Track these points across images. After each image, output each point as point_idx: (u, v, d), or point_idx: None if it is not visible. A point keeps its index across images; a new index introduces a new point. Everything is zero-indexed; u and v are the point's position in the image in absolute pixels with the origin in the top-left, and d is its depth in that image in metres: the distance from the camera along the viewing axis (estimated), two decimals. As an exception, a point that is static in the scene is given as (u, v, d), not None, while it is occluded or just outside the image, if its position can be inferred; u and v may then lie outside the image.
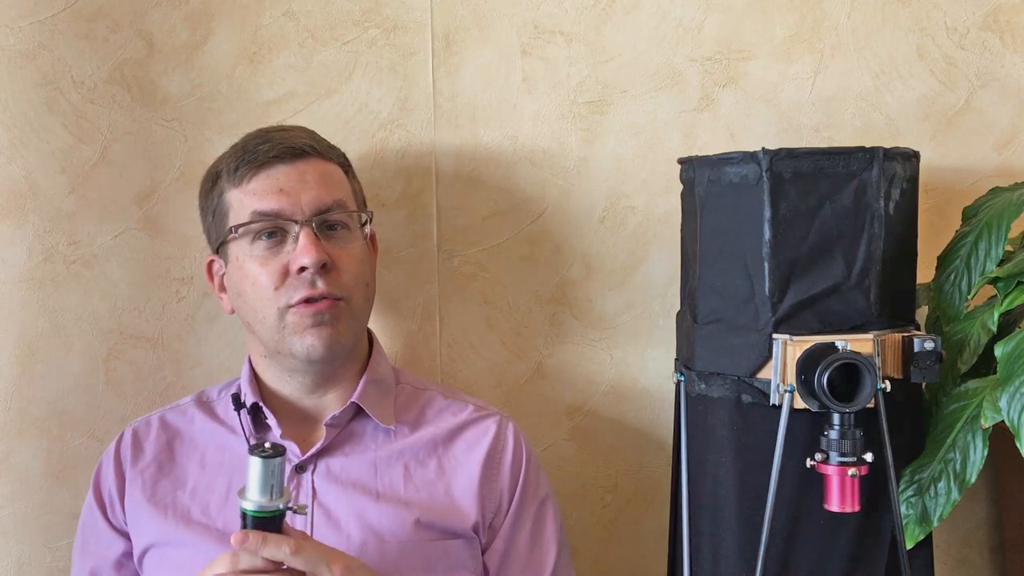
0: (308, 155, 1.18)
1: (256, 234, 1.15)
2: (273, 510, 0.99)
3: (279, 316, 1.15)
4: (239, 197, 1.17)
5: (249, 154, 1.17)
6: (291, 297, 1.14)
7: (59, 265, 1.37)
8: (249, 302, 1.17)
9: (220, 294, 1.23)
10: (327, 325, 1.15)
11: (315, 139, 1.21)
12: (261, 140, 1.18)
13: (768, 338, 1.13)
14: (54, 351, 1.38)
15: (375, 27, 1.41)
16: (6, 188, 1.36)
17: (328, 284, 1.14)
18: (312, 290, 1.13)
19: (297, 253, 1.13)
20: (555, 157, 1.44)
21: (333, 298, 1.15)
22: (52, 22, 1.35)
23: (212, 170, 1.22)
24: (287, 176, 1.16)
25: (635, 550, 1.49)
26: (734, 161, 1.15)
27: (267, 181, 1.16)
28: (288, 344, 1.15)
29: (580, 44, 1.43)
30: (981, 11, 1.46)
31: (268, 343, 1.17)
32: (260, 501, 0.99)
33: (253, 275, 1.15)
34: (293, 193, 1.15)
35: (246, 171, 1.16)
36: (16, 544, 1.38)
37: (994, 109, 1.46)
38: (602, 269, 1.46)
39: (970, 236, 1.26)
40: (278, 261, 1.15)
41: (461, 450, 1.22)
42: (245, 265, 1.16)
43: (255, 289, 1.15)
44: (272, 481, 0.99)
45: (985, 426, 1.11)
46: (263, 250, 1.15)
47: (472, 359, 1.46)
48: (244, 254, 1.16)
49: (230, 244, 1.18)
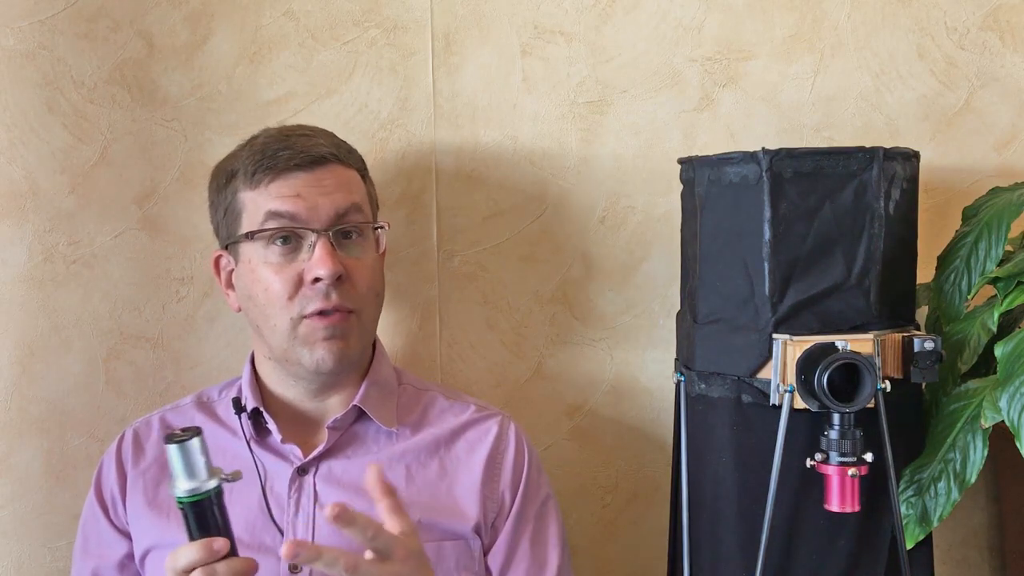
0: (328, 162, 1.17)
1: (270, 238, 1.14)
2: (206, 491, 0.96)
3: (291, 326, 1.14)
4: (254, 199, 1.16)
5: (268, 159, 1.15)
6: (304, 308, 1.13)
7: (59, 265, 1.37)
8: (260, 307, 1.16)
9: (227, 290, 1.22)
10: (338, 339, 1.14)
11: (336, 144, 1.20)
12: (282, 146, 1.16)
13: (768, 338, 1.13)
14: (54, 351, 1.38)
15: (375, 27, 1.41)
16: (6, 188, 1.36)
17: (341, 296, 1.14)
18: (326, 302, 1.13)
19: (313, 263, 1.13)
20: (555, 157, 1.44)
21: (346, 311, 1.14)
22: (52, 22, 1.35)
23: (227, 166, 1.20)
24: (305, 183, 1.15)
25: (635, 550, 1.49)
26: (734, 161, 1.15)
27: (285, 187, 1.14)
28: (297, 354, 1.15)
29: (580, 44, 1.43)
30: (981, 11, 1.46)
31: (276, 349, 1.17)
32: (189, 485, 0.95)
33: (266, 281, 1.15)
34: (310, 199, 1.14)
35: (264, 176, 1.15)
36: (16, 544, 1.38)
37: (994, 109, 1.46)
38: (602, 269, 1.46)
39: (970, 236, 1.26)
40: (292, 269, 1.14)
41: (463, 451, 1.22)
42: (258, 269, 1.15)
43: (267, 296, 1.15)
44: (196, 463, 0.95)
45: (985, 426, 1.10)
46: (277, 256, 1.14)
47: (472, 359, 1.46)
48: (257, 257, 1.15)
49: (242, 244, 1.17)
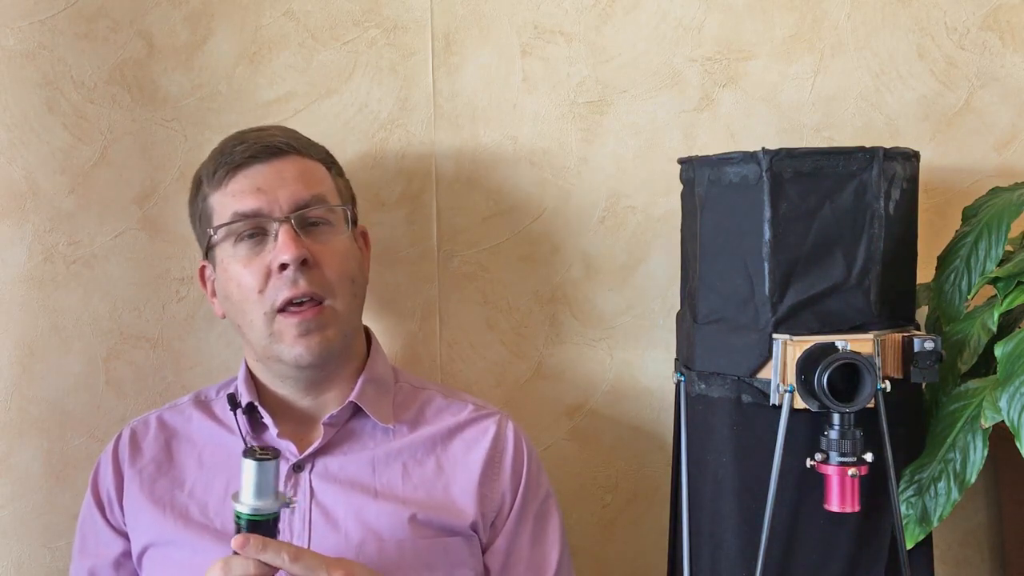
0: (285, 153, 1.18)
1: (238, 236, 1.16)
2: (268, 513, 0.99)
3: (267, 322, 1.15)
4: (220, 199, 1.17)
5: (226, 156, 1.17)
6: (275, 298, 1.14)
7: (59, 265, 1.37)
8: (236, 305, 1.17)
9: (212, 299, 1.24)
10: (314, 332, 1.14)
11: (293, 137, 1.21)
12: (237, 141, 1.19)
13: (768, 338, 1.13)
14: (54, 351, 1.38)
15: (375, 27, 1.41)
16: (6, 188, 1.36)
17: (310, 282, 1.14)
18: (295, 288, 1.13)
19: (277, 250, 1.13)
20: (555, 157, 1.44)
21: (317, 301, 1.14)
22: (52, 22, 1.35)
23: (195, 176, 1.23)
24: (264, 175, 1.16)
25: (635, 550, 1.48)
26: (734, 161, 1.15)
27: (245, 181, 1.16)
28: (276, 351, 1.16)
29: (580, 44, 1.43)
30: (981, 11, 1.46)
31: (257, 348, 1.18)
32: (255, 504, 0.98)
33: (237, 276, 1.16)
34: (270, 191, 1.15)
35: (224, 173, 1.17)
36: (16, 544, 1.38)
37: (994, 109, 1.46)
38: (602, 269, 1.46)
39: (970, 236, 1.26)
40: (260, 261, 1.15)
41: (460, 449, 1.22)
42: (230, 267, 1.17)
43: (240, 291, 1.16)
44: (267, 484, 0.98)
45: (985, 426, 1.10)
46: (246, 251, 1.16)
47: (472, 359, 1.46)
48: (228, 256, 1.17)
49: (216, 248, 1.18)
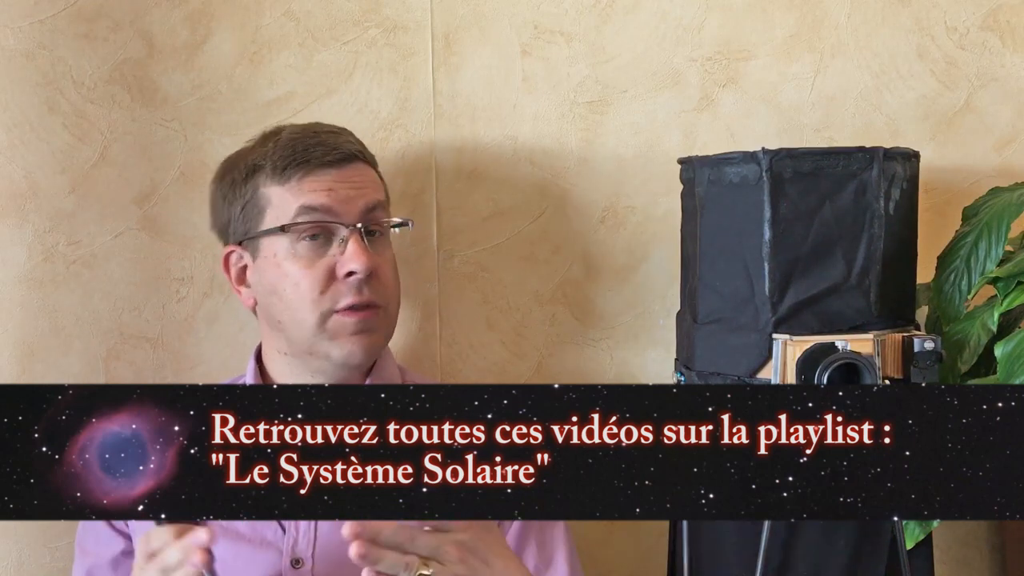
0: (357, 160, 1.19)
1: (300, 234, 1.15)
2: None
3: (320, 320, 1.14)
4: (282, 194, 1.15)
5: (300, 155, 1.16)
6: (336, 302, 1.14)
7: (59, 265, 1.37)
8: (287, 302, 1.15)
9: (239, 287, 1.21)
10: (367, 333, 1.15)
11: (362, 145, 1.22)
12: (314, 142, 1.17)
13: (768, 338, 1.13)
14: (54, 351, 1.38)
15: (375, 27, 1.41)
16: (6, 188, 1.35)
17: (372, 292, 1.15)
18: (359, 296, 1.14)
19: (347, 258, 1.14)
20: (555, 157, 1.44)
21: (375, 307, 1.15)
22: (52, 22, 1.35)
23: (247, 161, 1.19)
24: (336, 179, 1.16)
25: (635, 550, 1.48)
26: (734, 161, 1.15)
27: (317, 182, 1.15)
28: (324, 348, 1.15)
29: (580, 44, 1.43)
30: (981, 11, 1.46)
31: (299, 344, 1.17)
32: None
33: (295, 276, 1.14)
34: (344, 196, 1.15)
35: (295, 171, 1.15)
36: (16, 544, 1.38)
37: (994, 109, 1.46)
38: (602, 269, 1.46)
39: (970, 236, 1.26)
40: (323, 264, 1.14)
41: (462, 449, 1.22)
42: (284, 264, 1.15)
43: (296, 291, 1.14)
44: None
45: (985, 426, 1.10)
46: (307, 251, 1.15)
47: (472, 359, 1.46)
48: (284, 252, 1.15)
49: (263, 239, 1.16)
